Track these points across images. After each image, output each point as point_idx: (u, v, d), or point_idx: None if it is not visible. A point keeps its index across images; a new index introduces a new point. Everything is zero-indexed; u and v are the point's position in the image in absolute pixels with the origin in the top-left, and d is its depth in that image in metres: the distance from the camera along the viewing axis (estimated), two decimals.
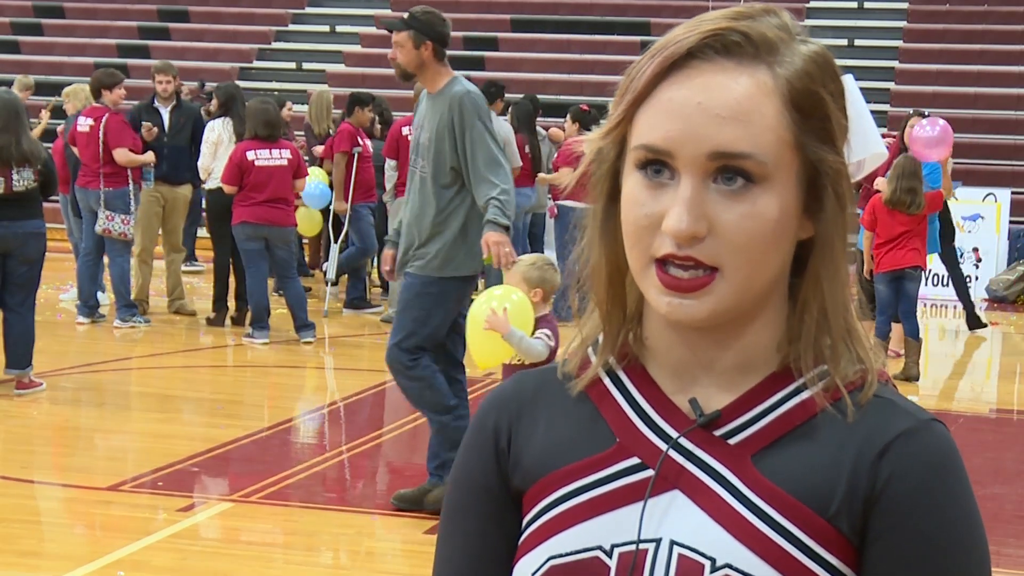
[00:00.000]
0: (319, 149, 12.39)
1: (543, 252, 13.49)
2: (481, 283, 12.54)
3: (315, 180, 11.38)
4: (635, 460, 1.27)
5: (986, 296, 14.39)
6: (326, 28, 21.44)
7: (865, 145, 3.74)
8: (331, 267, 11.56)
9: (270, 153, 9.99)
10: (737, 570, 1.20)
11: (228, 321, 10.84)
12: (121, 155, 10.35)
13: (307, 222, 11.87)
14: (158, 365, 9.55)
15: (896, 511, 1.20)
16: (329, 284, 11.68)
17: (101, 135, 10.30)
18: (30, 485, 6.63)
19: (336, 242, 11.50)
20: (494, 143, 5.89)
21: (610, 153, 1.27)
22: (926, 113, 11.74)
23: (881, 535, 1.21)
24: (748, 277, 1.20)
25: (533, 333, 5.49)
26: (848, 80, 1.28)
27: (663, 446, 1.26)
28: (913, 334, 9.44)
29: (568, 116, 12.08)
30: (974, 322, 12.14)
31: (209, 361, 9.90)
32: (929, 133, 10.19)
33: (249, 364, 9.89)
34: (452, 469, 1.39)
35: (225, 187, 9.97)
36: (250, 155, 9.92)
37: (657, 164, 1.21)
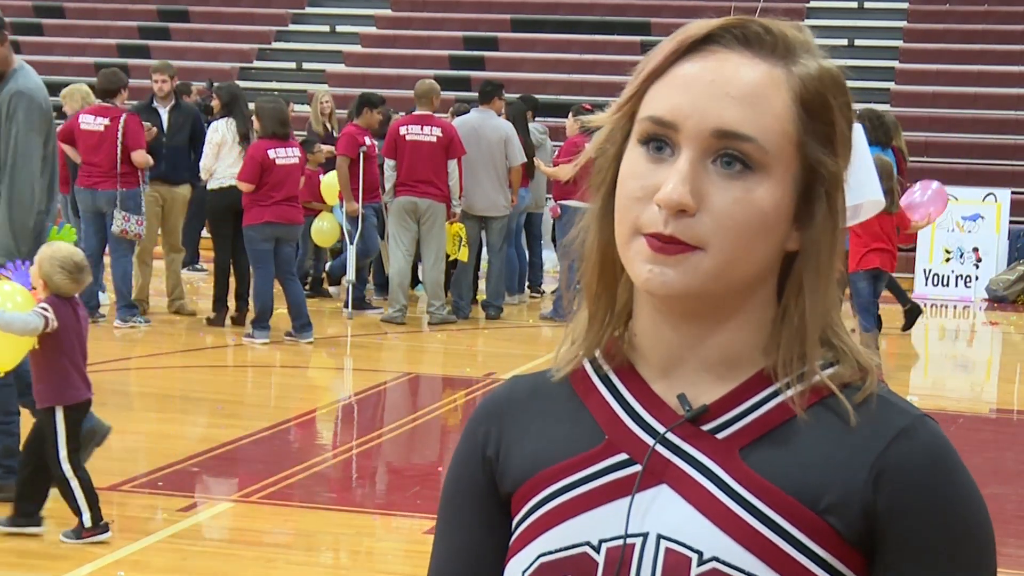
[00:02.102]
0: (327, 148, 12.38)
1: (541, 252, 13.47)
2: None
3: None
4: (623, 456, 1.27)
5: (986, 296, 14.40)
6: (326, 28, 21.45)
7: (862, 191, 3.75)
8: (350, 266, 11.52)
9: (286, 152, 10.04)
10: (724, 563, 1.20)
11: (228, 321, 10.83)
12: (139, 156, 10.35)
13: (327, 234, 11.82)
14: (158, 365, 9.55)
15: (903, 513, 1.21)
16: (350, 284, 11.62)
17: (120, 136, 10.29)
18: None
19: (353, 243, 11.48)
20: (25, 150, 5.80)
21: (618, 136, 1.28)
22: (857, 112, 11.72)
23: (890, 537, 1.21)
24: (729, 261, 1.20)
25: None
26: (856, 128, 1.30)
27: (650, 441, 1.27)
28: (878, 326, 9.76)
29: (571, 114, 12.05)
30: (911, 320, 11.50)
31: (209, 361, 9.90)
32: (920, 199, 10.22)
33: (249, 364, 9.90)
34: (447, 471, 1.41)
35: (243, 185, 9.94)
36: (271, 154, 9.95)
37: (660, 140, 1.22)
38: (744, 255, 1.21)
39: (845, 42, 18.90)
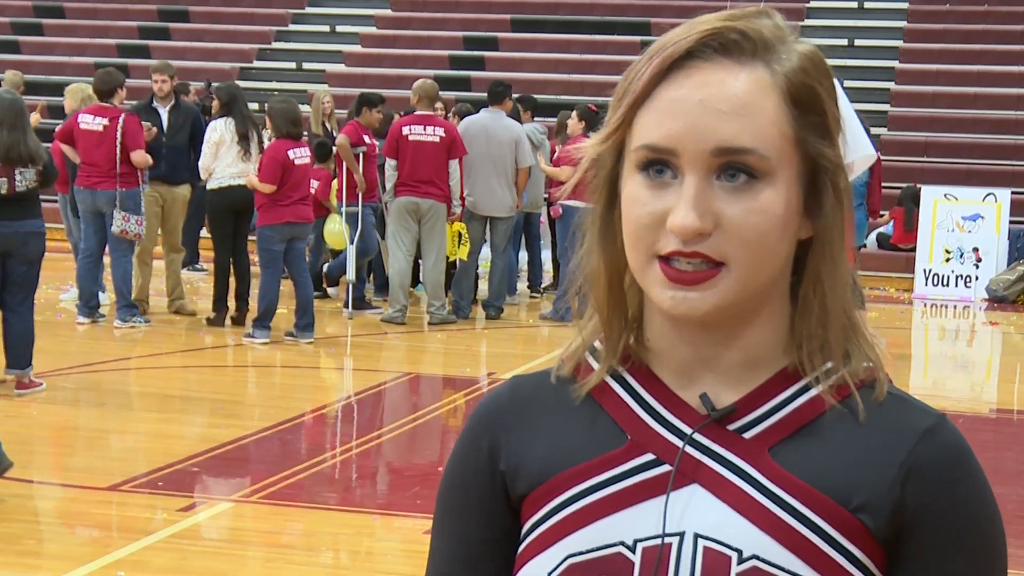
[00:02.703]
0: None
1: (540, 252, 13.48)
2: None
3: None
4: (650, 456, 1.27)
5: (986, 296, 14.40)
6: (326, 28, 21.45)
7: (854, 148, 3.74)
8: (350, 266, 11.52)
9: (301, 152, 10.09)
10: (765, 561, 1.20)
11: (228, 321, 10.83)
12: (139, 156, 10.35)
13: (337, 235, 11.81)
14: (158, 365, 9.55)
15: (929, 513, 1.23)
16: (350, 284, 11.62)
17: (119, 136, 10.29)
18: (30, 485, 6.62)
19: (353, 243, 11.48)
20: None
21: (608, 159, 1.27)
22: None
23: (916, 536, 1.23)
24: (752, 272, 1.21)
25: None
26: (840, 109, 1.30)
27: (677, 442, 1.26)
28: None
29: (575, 113, 12.02)
30: None
31: (209, 361, 9.90)
32: None
33: (249, 364, 9.90)
34: (446, 468, 1.39)
35: (265, 186, 9.97)
36: (291, 154, 9.98)
37: (659, 164, 1.22)
38: (765, 261, 1.21)
39: (845, 42, 18.89)
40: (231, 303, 10.89)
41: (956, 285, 14.57)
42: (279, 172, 9.90)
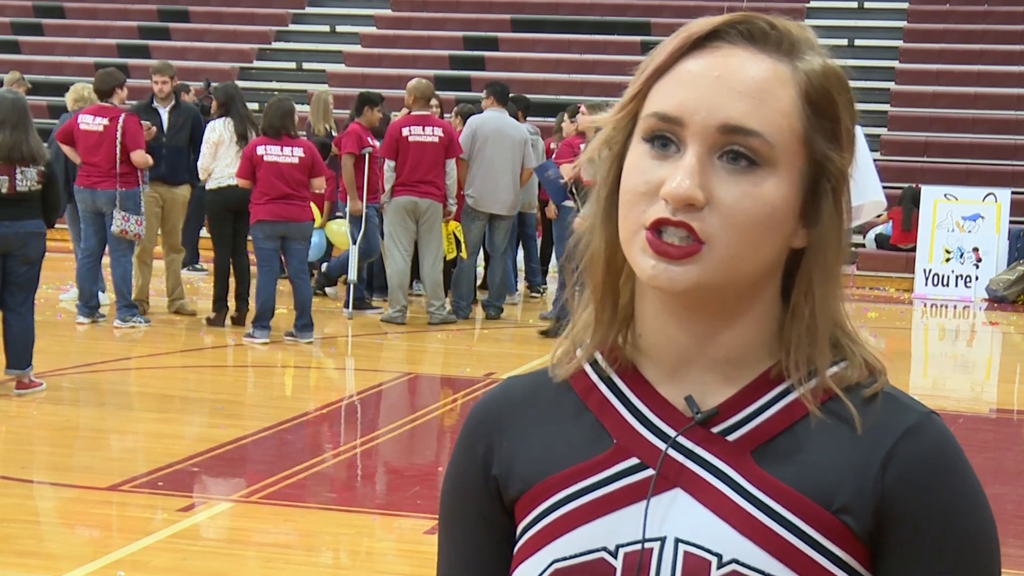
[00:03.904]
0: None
1: (536, 252, 13.48)
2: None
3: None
4: (634, 460, 1.27)
5: (986, 296, 14.40)
6: (326, 28, 21.45)
7: (864, 192, 3.73)
8: (352, 266, 11.52)
9: (281, 151, 10.04)
10: (744, 565, 1.20)
11: (228, 321, 10.83)
12: (139, 156, 10.35)
13: (339, 235, 11.79)
14: (158, 365, 9.55)
15: (909, 510, 1.21)
16: (351, 284, 11.62)
17: (119, 136, 10.29)
18: (30, 485, 6.63)
19: (355, 243, 11.48)
20: None
21: (619, 136, 1.27)
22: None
23: (897, 534, 1.22)
24: (736, 256, 1.20)
25: None
26: (856, 129, 1.30)
27: (662, 445, 1.26)
28: None
29: (566, 114, 12.06)
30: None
31: (209, 361, 9.90)
32: None
33: (249, 364, 9.90)
34: (445, 473, 1.40)
35: (239, 182, 10.04)
36: (259, 150, 9.99)
37: (665, 137, 1.22)
38: (751, 249, 1.21)
39: (845, 42, 18.89)
40: (231, 303, 10.89)
41: (956, 285, 14.57)
42: (248, 168, 9.98)
